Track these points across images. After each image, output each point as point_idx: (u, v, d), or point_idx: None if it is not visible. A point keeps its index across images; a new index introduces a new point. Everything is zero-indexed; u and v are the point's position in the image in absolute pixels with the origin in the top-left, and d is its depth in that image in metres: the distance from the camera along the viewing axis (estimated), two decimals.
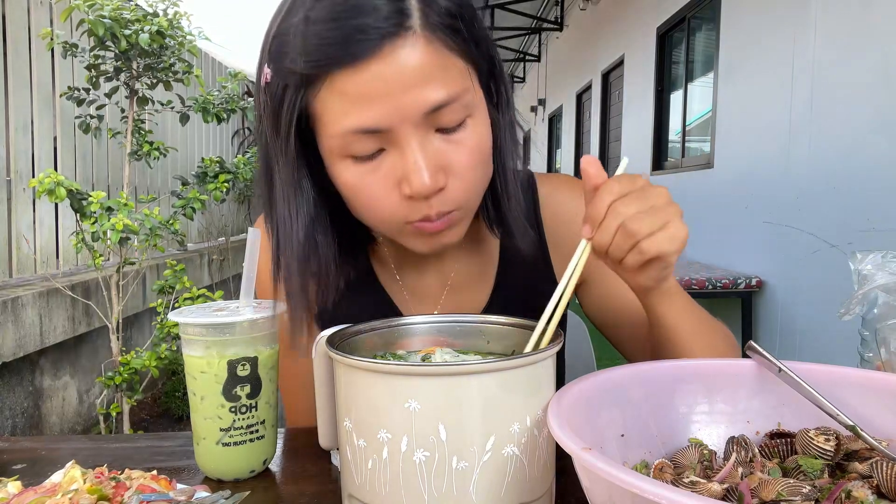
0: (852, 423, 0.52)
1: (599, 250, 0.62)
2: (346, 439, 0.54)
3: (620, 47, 6.97)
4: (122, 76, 3.16)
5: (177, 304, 2.85)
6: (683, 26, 5.27)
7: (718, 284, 3.74)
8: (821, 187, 3.22)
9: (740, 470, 0.50)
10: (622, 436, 0.54)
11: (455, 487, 0.50)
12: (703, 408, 0.59)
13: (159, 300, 2.94)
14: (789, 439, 0.54)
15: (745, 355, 0.60)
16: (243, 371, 0.68)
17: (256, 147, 0.75)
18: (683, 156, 5.35)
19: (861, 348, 0.73)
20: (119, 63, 3.09)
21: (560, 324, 0.60)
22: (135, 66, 3.13)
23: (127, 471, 0.61)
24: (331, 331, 0.61)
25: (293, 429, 0.87)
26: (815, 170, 3.27)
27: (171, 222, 2.86)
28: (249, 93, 4.33)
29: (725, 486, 0.46)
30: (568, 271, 0.61)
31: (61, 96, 3.20)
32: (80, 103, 3.20)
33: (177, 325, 0.81)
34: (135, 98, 3.23)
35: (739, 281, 3.76)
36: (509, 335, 0.65)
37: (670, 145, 5.76)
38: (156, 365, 2.64)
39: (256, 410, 0.69)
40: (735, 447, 0.54)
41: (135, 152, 3.27)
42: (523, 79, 14.67)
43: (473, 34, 0.67)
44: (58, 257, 3.27)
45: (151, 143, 3.27)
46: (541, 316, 0.60)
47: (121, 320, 2.90)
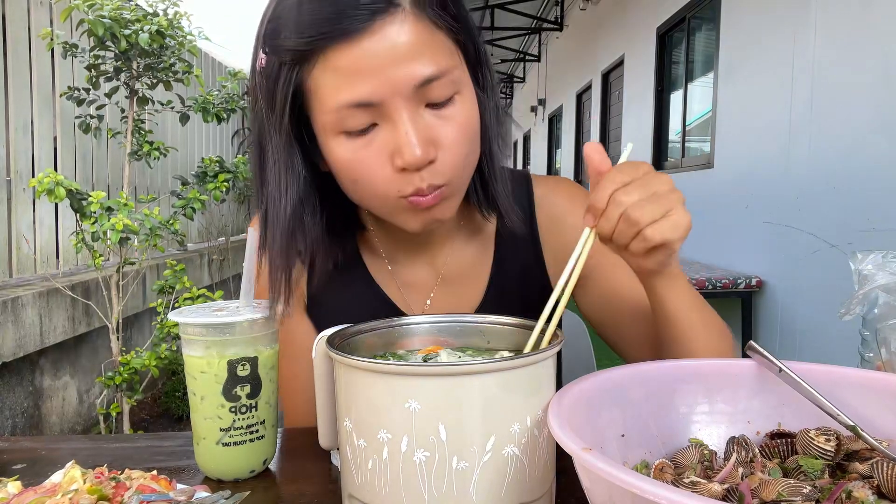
0: (853, 424, 0.52)
1: (604, 238, 0.62)
2: (346, 439, 0.54)
3: (620, 47, 6.97)
4: (122, 76, 3.16)
5: (177, 304, 2.85)
6: (683, 26, 5.27)
7: (718, 284, 3.74)
8: (821, 187, 3.22)
9: (741, 470, 0.49)
10: (622, 436, 0.54)
11: (455, 487, 0.50)
12: (703, 408, 0.59)
13: (159, 300, 2.94)
14: (790, 439, 0.54)
15: (745, 355, 0.60)
16: (243, 371, 0.68)
17: (249, 130, 0.78)
18: (683, 156, 5.35)
19: (861, 348, 0.73)
20: (119, 63, 3.09)
21: (558, 324, 0.60)
22: (135, 66, 3.13)
23: (127, 471, 0.61)
24: (331, 331, 0.61)
25: (293, 429, 0.87)
26: (815, 170, 3.27)
27: (171, 222, 2.86)
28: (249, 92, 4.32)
29: (726, 486, 0.46)
30: (571, 260, 0.61)
31: (61, 96, 3.20)
32: (80, 103, 3.20)
33: (177, 325, 0.81)
34: (135, 98, 3.23)
35: (739, 281, 3.76)
36: (509, 335, 0.65)
37: (670, 145, 5.76)
38: (156, 365, 2.64)
39: (256, 410, 0.69)
40: (735, 447, 0.54)
41: (135, 152, 3.27)
42: (523, 79, 14.67)
43: (459, 16, 0.71)
44: (58, 257, 3.27)
45: (151, 143, 3.27)
46: (535, 316, 0.60)
47: (121, 320, 2.90)
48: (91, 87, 3.18)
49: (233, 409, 0.68)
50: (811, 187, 3.31)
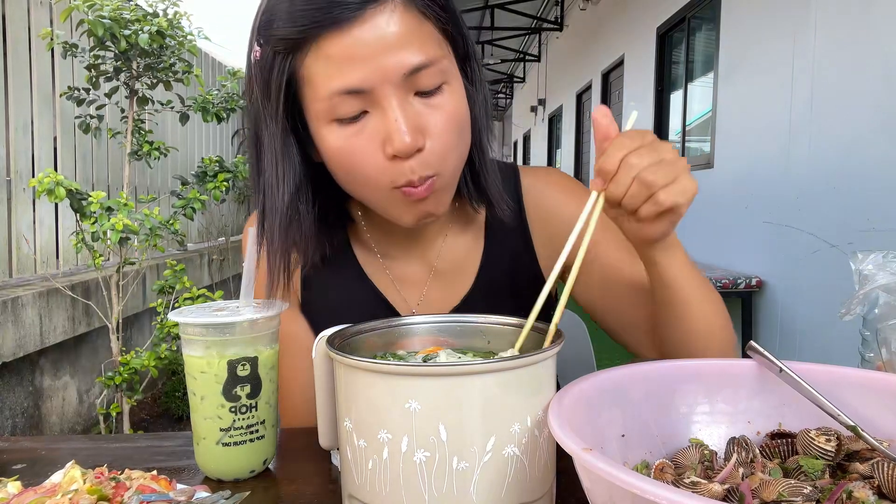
0: (853, 424, 0.52)
1: (613, 201, 0.62)
2: (347, 439, 0.54)
3: (620, 47, 6.97)
4: (122, 76, 3.16)
5: (177, 304, 2.85)
6: (683, 26, 5.27)
7: (718, 284, 3.73)
8: (821, 187, 3.22)
9: (741, 470, 0.49)
10: (623, 436, 0.54)
11: (455, 488, 0.50)
12: (703, 408, 0.59)
13: (159, 300, 2.94)
14: (790, 440, 0.54)
15: (745, 355, 0.60)
16: (243, 371, 0.68)
17: (245, 122, 0.80)
18: (683, 156, 5.33)
19: (862, 348, 0.73)
20: (119, 63, 3.09)
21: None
22: (135, 66, 3.13)
23: (127, 471, 0.61)
24: (331, 331, 0.61)
25: (293, 429, 0.87)
26: (815, 170, 3.27)
27: (171, 222, 2.86)
28: None
29: (726, 486, 0.46)
30: (579, 223, 0.60)
31: (61, 96, 3.20)
32: (80, 103, 3.19)
33: (177, 325, 0.81)
34: (135, 98, 3.23)
35: (739, 281, 3.76)
36: (510, 335, 0.65)
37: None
38: (155, 365, 2.64)
39: (256, 410, 0.69)
40: (736, 447, 0.54)
41: (135, 152, 3.27)
42: (523, 79, 14.67)
43: (448, 8, 0.73)
44: (58, 257, 3.27)
45: (151, 143, 3.27)
46: (525, 305, 0.60)
47: (121, 320, 2.90)
48: (91, 87, 3.18)
49: (233, 409, 0.68)
50: (811, 187, 3.30)
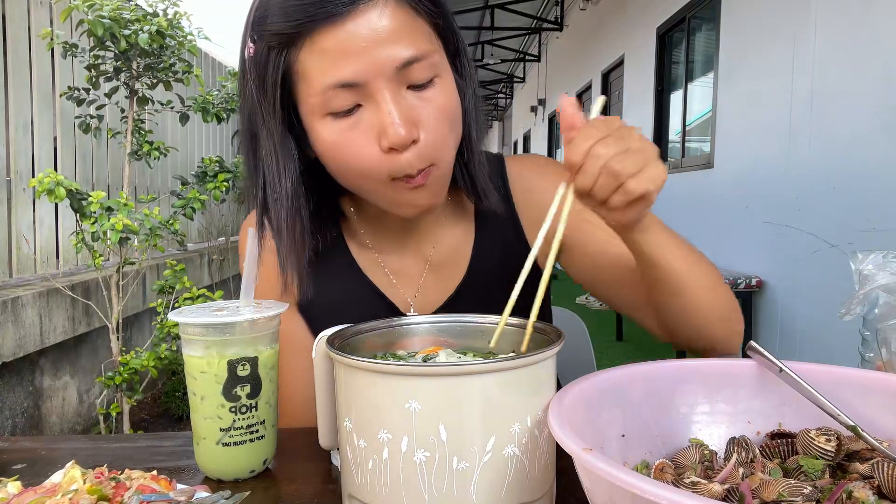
0: (853, 424, 0.52)
1: (582, 192, 0.61)
2: (347, 439, 0.54)
3: (620, 47, 6.97)
4: (122, 76, 3.16)
5: (177, 304, 2.85)
6: (683, 26, 5.27)
7: None
8: (821, 187, 3.22)
9: (741, 470, 0.49)
10: (623, 436, 0.54)
11: (455, 488, 0.50)
12: (703, 408, 0.59)
13: (159, 300, 2.94)
14: (790, 440, 0.54)
15: (745, 355, 0.60)
16: (243, 371, 0.68)
17: (239, 116, 0.80)
18: (683, 156, 5.35)
19: (862, 348, 0.73)
20: (119, 63, 3.09)
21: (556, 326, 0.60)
22: (135, 66, 3.13)
23: (127, 471, 0.61)
24: (331, 331, 0.61)
25: (293, 429, 0.87)
26: (815, 170, 3.27)
27: (171, 222, 2.86)
28: None
29: (726, 486, 0.46)
30: (548, 218, 0.59)
31: (61, 96, 3.20)
32: (80, 103, 3.19)
33: (177, 325, 0.81)
34: (135, 98, 3.23)
35: (739, 281, 3.76)
36: (510, 335, 0.65)
37: (670, 145, 5.76)
38: (155, 365, 2.64)
39: (256, 410, 0.69)
40: (736, 447, 0.54)
41: (135, 152, 3.27)
42: (523, 79, 14.67)
43: (437, 4, 0.75)
44: (58, 257, 3.27)
45: (151, 143, 3.27)
46: (523, 293, 0.59)
47: (121, 320, 2.90)
48: (91, 87, 3.17)
49: (233, 409, 0.68)
50: (811, 187, 3.30)
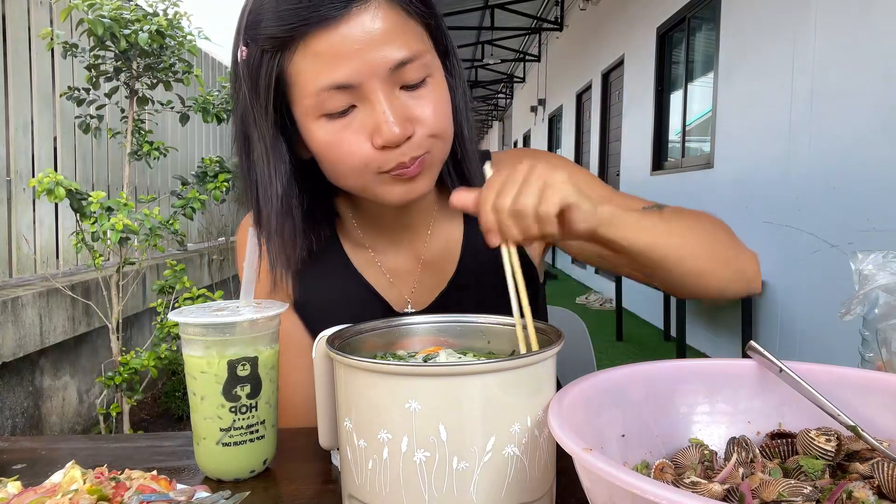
0: (853, 424, 0.52)
1: (521, 243, 0.63)
2: (347, 439, 0.54)
3: (620, 47, 6.97)
4: (122, 76, 3.16)
5: (177, 304, 2.85)
6: (683, 26, 5.27)
7: None
8: (821, 187, 3.22)
9: (741, 470, 0.49)
10: (623, 436, 0.54)
11: (455, 488, 0.50)
12: (703, 408, 0.59)
13: (159, 300, 2.94)
14: (790, 440, 0.54)
15: (745, 355, 0.60)
16: (243, 371, 0.68)
17: (232, 118, 0.81)
18: (683, 156, 5.35)
19: (862, 348, 0.73)
20: (119, 63, 3.09)
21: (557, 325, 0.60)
22: (135, 66, 3.13)
23: (127, 471, 0.61)
24: (331, 331, 0.61)
25: (293, 429, 0.87)
26: (815, 170, 3.27)
27: (171, 222, 2.86)
28: None
29: (726, 486, 0.46)
30: (509, 281, 0.61)
31: (61, 96, 3.20)
32: (80, 103, 3.19)
33: (177, 325, 0.81)
34: (135, 98, 3.23)
35: None
36: (510, 335, 0.65)
37: (670, 145, 5.76)
38: (155, 365, 2.64)
39: (256, 410, 0.69)
40: (736, 447, 0.54)
41: (135, 152, 3.27)
42: (523, 79, 14.67)
43: (428, 5, 0.76)
44: (58, 257, 3.27)
45: (151, 143, 3.27)
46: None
47: (121, 320, 2.90)
48: (91, 87, 3.17)
49: (233, 409, 0.68)
50: (811, 187, 3.30)
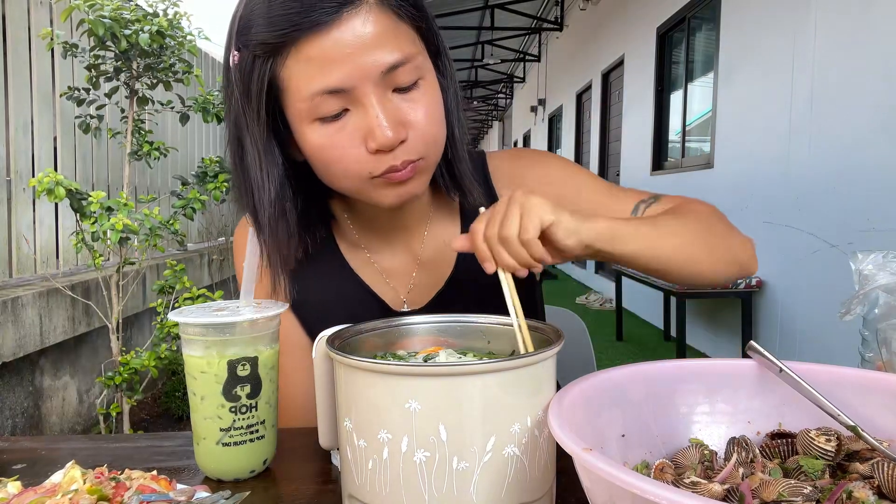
0: (853, 424, 0.52)
1: (515, 269, 0.65)
2: (347, 439, 0.54)
3: (620, 47, 6.97)
4: (122, 76, 3.16)
5: (177, 304, 2.84)
6: (683, 26, 5.27)
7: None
8: (821, 187, 3.22)
9: (741, 470, 0.49)
10: (623, 436, 0.54)
11: (455, 488, 0.50)
12: (703, 408, 0.59)
13: (159, 300, 2.94)
14: (790, 440, 0.54)
15: (745, 355, 0.60)
16: (243, 371, 0.68)
17: (226, 122, 0.81)
18: (683, 156, 5.35)
19: (862, 348, 0.73)
20: (119, 63, 3.09)
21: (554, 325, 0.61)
22: (135, 66, 3.13)
23: (127, 471, 0.61)
24: (331, 331, 0.61)
25: (293, 429, 0.87)
26: (815, 170, 3.27)
27: (171, 222, 2.86)
28: None
29: (726, 486, 0.46)
30: (509, 304, 0.63)
31: (61, 96, 3.20)
32: (80, 103, 3.19)
33: (177, 324, 0.81)
34: (135, 98, 3.23)
35: (739, 281, 3.76)
36: (510, 335, 0.65)
37: (670, 145, 5.76)
38: (155, 365, 2.64)
39: (256, 410, 0.69)
40: (736, 447, 0.54)
41: (135, 152, 3.27)
42: (523, 79, 14.67)
43: (419, 6, 0.76)
44: (58, 257, 3.27)
45: (151, 143, 3.27)
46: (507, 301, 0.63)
47: (121, 320, 2.90)
48: (91, 87, 3.17)
49: (233, 409, 0.68)
50: (811, 187, 3.30)
